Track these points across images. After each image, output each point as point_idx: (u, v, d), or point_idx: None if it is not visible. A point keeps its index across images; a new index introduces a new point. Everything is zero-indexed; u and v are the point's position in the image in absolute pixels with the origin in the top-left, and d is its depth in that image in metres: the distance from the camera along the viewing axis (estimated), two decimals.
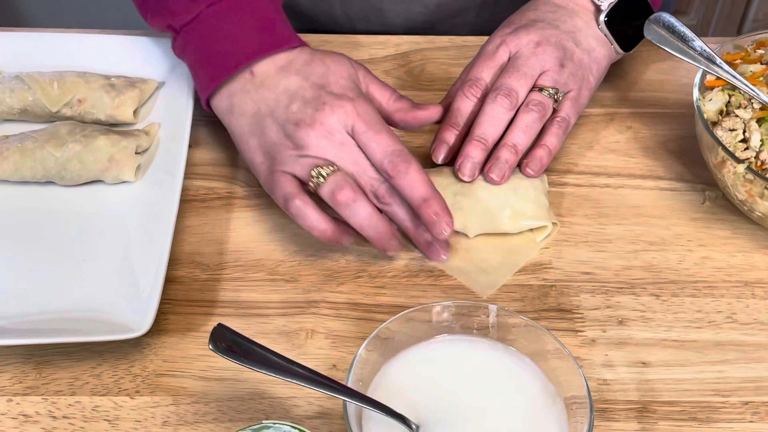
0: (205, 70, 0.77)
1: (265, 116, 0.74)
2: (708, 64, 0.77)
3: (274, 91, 0.74)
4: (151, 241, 0.73)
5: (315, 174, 0.71)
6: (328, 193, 0.71)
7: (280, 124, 0.73)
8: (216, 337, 0.60)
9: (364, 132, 0.71)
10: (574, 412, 0.61)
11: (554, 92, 0.78)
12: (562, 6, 0.82)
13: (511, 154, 0.76)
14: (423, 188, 0.70)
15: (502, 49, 0.79)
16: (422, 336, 0.65)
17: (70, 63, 0.86)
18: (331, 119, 0.71)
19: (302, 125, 0.72)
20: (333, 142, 0.71)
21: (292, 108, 0.73)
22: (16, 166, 0.77)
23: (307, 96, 0.73)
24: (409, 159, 0.71)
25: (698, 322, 0.72)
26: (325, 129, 0.71)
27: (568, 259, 0.76)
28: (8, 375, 0.68)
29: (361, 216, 0.71)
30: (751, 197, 0.74)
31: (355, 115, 0.72)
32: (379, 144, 0.71)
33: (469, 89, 0.78)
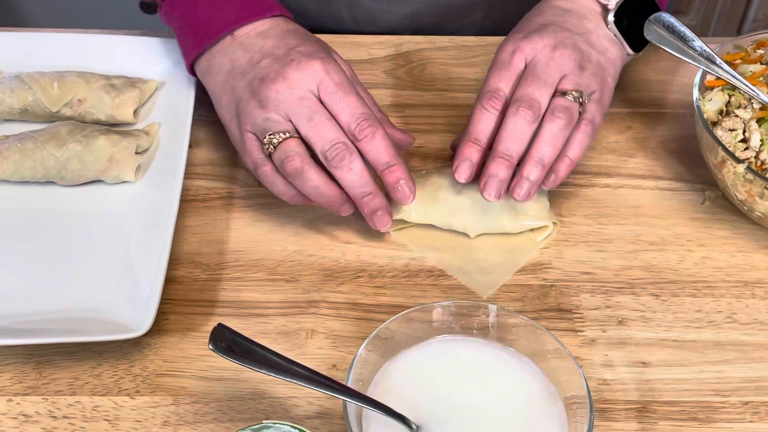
0: (189, 36, 0.79)
1: (237, 74, 0.75)
2: (708, 64, 0.77)
3: (249, 50, 0.76)
4: (151, 241, 0.73)
5: (267, 141, 0.72)
6: (278, 161, 0.71)
7: (248, 80, 0.74)
8: (216, 337, 0.60)
9: (332, 92, 0.72)
10: (574, 412, 0.61)
11: (578, 95, 0.73)
12: (569, 9, 0.80)
13: (538, 170, 0.72)
14: (388, 154, 0.71)
15: (517, 56, 0.76)
16: (422, 336, 0.65)
17: (70, 63, 0.86)
18: (295, 74, 0.72)
19: (266, 80, 0.72)
20: (291, 97, 0.71)
21: (261, 64, 0.74)
22: (17, 166, 0.77)
23: (277, 53, 0.74)
24: (376, 124, 0.71)
25: (698, 322, 0.72)
26: (287, 84, 0.72)
27: (568, 259, 0.76)
28: (8, 375, 0.68)
29: (309, 186, 0.71)
30: (751, 197, 0.74)
31: (323, 73, 0.72)
32: (348, 105, 0.71)
33: (488, 102, 0.74)
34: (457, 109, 0.88)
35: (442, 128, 0.86)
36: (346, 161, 0.70)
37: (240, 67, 0.75)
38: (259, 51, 0.75)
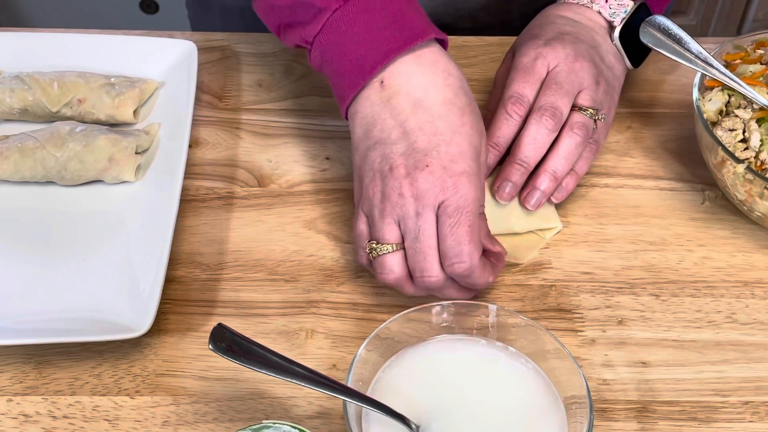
0: (340, 80, 0.70)
1: (374, 142, 0.68)
2: (705, 67, 0.77)
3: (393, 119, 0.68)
4: (151, 241, 0.73)
5: (369, 248, 0.68)
6: (376, 267, 0.68)
7: (378, 159, 0.68)
8: (216, 337, 0.60)
9: (448, 215, 0.66)
10: (573, 412, 0.61)
11: (594, 113, 0.76)
12: (577, 21, 0.81)
13: (551, 182, 0.75)
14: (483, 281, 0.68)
15: (539, 63, 0.76)
16: (422, 336, 0.65)
17: (70, 63, 0.86)
18: (424, 185, 0.66)
19: (394, 174, 0.66)
20: (410, 208, 0.66)
21: (396, 147, 0.67)
22: (17, 166, 0.77)
23: (417, 145, 0.67)
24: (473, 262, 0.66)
25: (698, 322, 0.72)
26: (412, 190, 0.66)
27: (568, 259, 0.76)
28: (8, 375, 0.68)
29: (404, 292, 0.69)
30: (750, 197, 0.74)
31: (450, 193, 0.66)
32: (452, 236, 0.66)
33: (513, 107, 0.75)
34: None
35: None
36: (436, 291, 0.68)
37: (378, 133, 0.68)
38: (402, 124, 0.67)
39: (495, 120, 0.75)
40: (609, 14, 0.81)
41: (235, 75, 0.90)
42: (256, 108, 0.88)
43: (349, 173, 0.82)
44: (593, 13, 0.82)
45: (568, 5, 0.83)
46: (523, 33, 0.83)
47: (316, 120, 0.86)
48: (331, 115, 0.86)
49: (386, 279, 0.68)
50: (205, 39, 0.93)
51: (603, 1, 0.82)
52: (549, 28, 0.80)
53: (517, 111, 0.75)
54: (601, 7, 0.82)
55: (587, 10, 0.82)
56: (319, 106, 0.87)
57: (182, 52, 0.87)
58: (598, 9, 0.82)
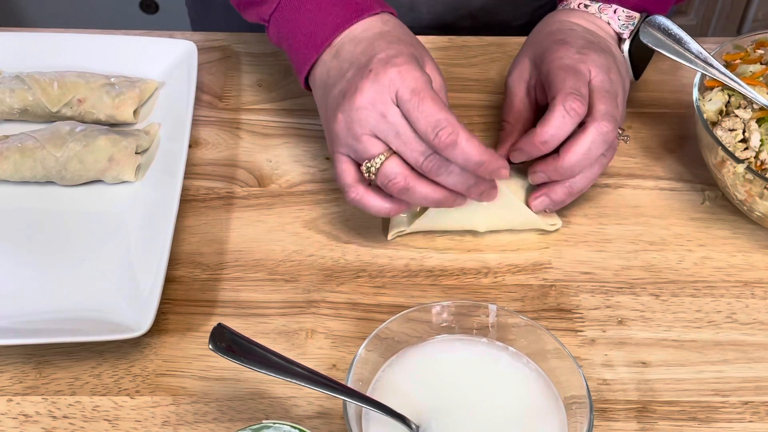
0: (297, 55, 0.76)
1: (329, 86, 0.73)
2: (705, 67, 0.77)
3: (340, 59, 0.72)
4: (151, 241, 0.73)
5: (365, 169, 0.70)
6: (382, 185, 0.70)
7: (336, 95, 0.71)
8: (216, 337, 0.60)
9: (407, 100, 0.68)
10: (573, 412, 0.61)
11: (621, 132, 0.76)
12: (593, 31, 0.80)
13: (566, 197, 0.75)
14: (475, 156, 0.68)
15: (583, 67, 0.74)
16: (422, 336, 0.65)
17: (70, 63, 0.86)
18: (371, 88, 0.68)
19: (347, 96, 0.69)
20: (374, 114, 0.68)
21: (347, 75, 0.71)
22: (17, 166, 0.77)
23: (361, 61, 0.70)
24: (455, 129, 0.67)
25: (698, 322, 0.72)
26: (366, 100, 0.68)
27: (568, 259, 0.76)
28: (8, 375, 0.68)
29: (418, 197, 0.70)
30: (750, 197, 0.74)
31: (399, 82, 0.68)
32: (422, 113, 0.67)
33: (574, 103, 0.71)
34: (457, 110, 0.88)
35: None
36: (443, 168, 0.68)
37: (332, 79, 0.72)
38: (349, 59, 0.72)
39: (551, 115, 0.71)
40: (619, 26, 0.81)
41: (235, 75, 0.90)
42: (256, 108, 0.88)
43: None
44: (603, 23, 0.81)
45: (579, 13, 0.81)
46: (537, 37, 0.81)
47: (316, 120, 0.86)
48: None
49: (397, 185, 0.69)
50: (205, 39, 0.93)
51: (612, 12, 0.81)
52: (572, 34, 0.78)
53: (577, 109, 0.71)
54: (610, 18, 0.81)
55: (597, 19, 0.81)
56: None
57: (182, 52, 0.87)
58: (607, 20, 0.81)
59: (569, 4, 0.82)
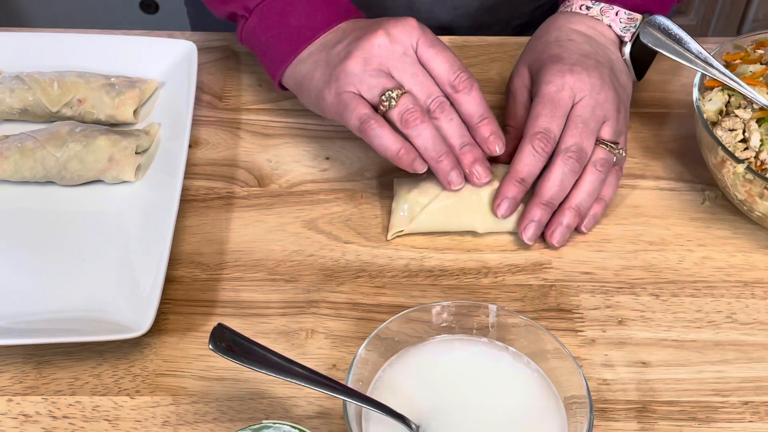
0: (281, 45, 0.79)
1: (328, 48, 0.76)
2: (705, 67, 0.77)
3: (337, 33, 0.77)
4: (151, 241, 0.73)
5: (386, 98, 0.73)
6: (398, 114, 0.72)
7: (344, 45, 0.75)
8: (216, 337, 0.60)
9: (429, 47, 0.74)
10: (573, 412, 0.61)
11: (614, 147, 0.76)
12: (592, 36, 0.80)
13: (575, 218, 0.76)
14: (483, 107, 0.74)
15: (566, 94, 0.76)
16: (422, 336, 0.65)
17: (70, 63, 0.86)
18: (395, 29, 0.74)
19: (365, 37, 0.74)
20: (395, 53, 0.73)
21: (355, 32, 0.76)
22: (16, 166, 0.77)
23: (364, 26, 0.76)
24: (473, 79, 0.74)
25: (698, 322, 0.72)
26: (388, 38, 0.74)
27: (568, 259, 0.76)
28: (8, 375, 0.68)
29: (424, 136, 0.72)
30: (750, 197, 0.74)
31: (420, 31, 0.74)
32: (446, 59, 0.74)
33: (540, 143, 0.74)
34: None
35: None
36: (446, 112, 0.73)
37: (331, 42, 0.77)
38: (351, 29, 0.77)
39: (521, 154, 0.75)
40: (620, 29, 0.81)
41: (235, 75, 0.90)
42: (256, 108, 0.88)
43: (349, 173, 0.82)
44: (604, 26, 0.81)
45: (580, 17, 0.81)
46: (537, 46, 0.81)
47: (316, 120, 0.86)
48: None
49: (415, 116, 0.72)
50: (205, 39, 0.93)
51: (613, 15, 0.81)
52: (568, 46, 0.79)
53: (545, 148, 0.74)
54: (611, 21, 0.81)
55: (598, 23, 0.81)
56: None
57: (182, 52, 0.87)
58: (608, 23, 0.81)
59: (571, 6, 0.82)
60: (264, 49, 0.81)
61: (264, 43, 0.80)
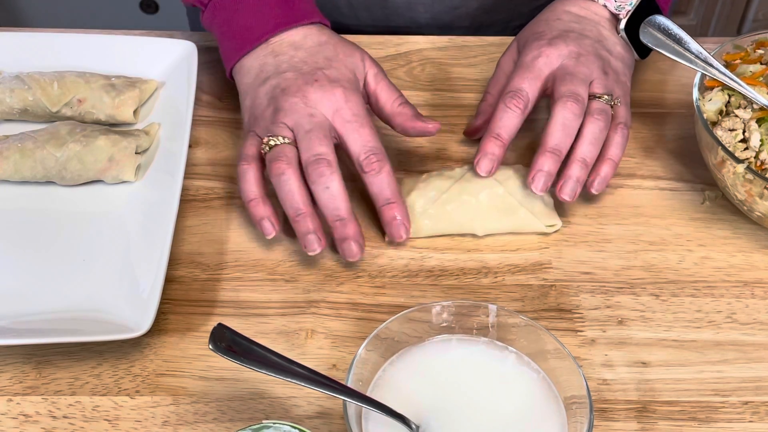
0: (230, 42, 0.80)
1: (261, 79, 0.77)
2: (705, 67, 0.77)
3: (278, 58, 0.77)
4: (151, 241, 0.73)
5: (265, 142, 0.73)
6: (268, 160, 0.73)
7: (271, 87, 0.76)
8: (216, 337, 0.60)
9: (348, 121, 0.74)
10: (573, 412, 0.61)
11: (609, 98, 0.76)
12: (583, 16, 0.82)
13: (582, 170, 0.75)
14: (391, 190, 0.73)
15: (541, 61, 0.77)
16: (422, 336, 0.65)
17: (70, 63, 0.86)
18: (314, 95, 0.74)
19: (287, 92, 0.74)
20: (303, 112, 0.73)
21: (286, 75, 0.76)
22: (16, 166, 0.77)
23: (303, 69, 0.76)
24: (385, 159, 0.73)
25: (698, 322, 0.72)
26: (304, 101, 0.74)
27: (568, 259, 0.76)
28: (8, 375, 0.68)
29: (286, 189, 0.72)
30: (750, 197, 0.74)
31: (342, 102, 0.74)
32: (361, 136, 0.73)
33: (511, 101, 0.75)
34: (456, 110, 0.88)
35: (442, 128, 0.86)
36: (325, 178, 0.71)
37: (266, 73, 0.77)
38: (288, 61, 0.77)
39: (495, 112, 0.76)
40: (615, 7, 0.82)
41: None
42: None
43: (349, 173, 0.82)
44: (599, 6, 0.82)
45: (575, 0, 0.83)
46: (528, 26, 0.84)
47: None
48: None
49: (281, 165, 0.71)
50: (205, 39, 0.93)
51: None
52: (554, 24, 0.81)
53: (516, 104, 0.75)
54: (606, 1, 0.82)
55: (593, 4, 0.82)
56: None
57: (182, 52, 0.87)
58: (603, 2, 0.82)
59: None
60: (218, 41, 0.83)
61: (217, 36, 0.82)
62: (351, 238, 0.72)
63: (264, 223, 0.73)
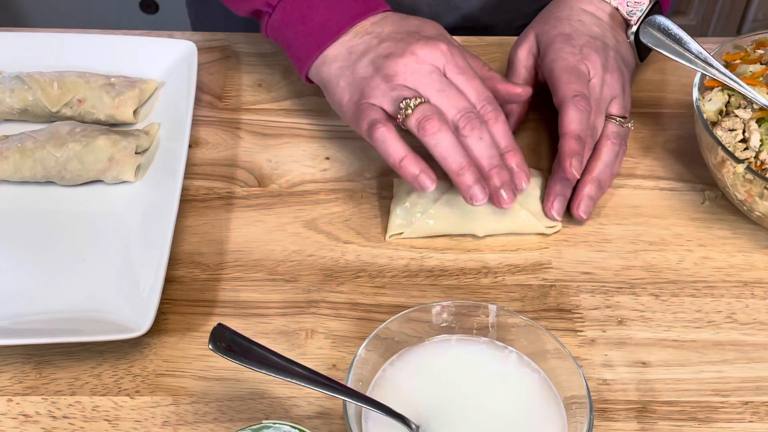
0: (306, 40, 0.79)
1: (355, 57, 0.76)
2: (705, 67, 0.77)
3: (366, 37, 0.77)
4: (151, 241, 0.73)
5: (403, 105, 0.71)
6: (415, 122, 0.71)
7: (370, 59, 0.75)
8: (216, 337, 0.60)
9: (458, 74, 0.73)
10: (573, 412, 0.61)
11: (624, 121, 0.79)
12: (599, 17, 0.83)
13: (597, 190, 0.77)
14: (507, 138, 0.73)
15: (584, 67, 0.78)
16: (422, 336, 0.65)
17: (70, 63, 0.86)
18: (423, 51, 0.73)
19: (392, 56, 0.73)
20: (422, 71, 0.72)
21: (383, 45, 0.75)
22: (16, 166, 0.77)
23: (398, 37, 0.75)
24: (499, 109, 0.73)
25: (698, 322, 0.72)
26: (415, 59, 0.73)
27: (568, 259, 0.76)
28: (8, 375, 0.68)
29: (444, 145, 0.70)
30: (750, 197, 0.74)
31: (449, 55, 0.74)
32: (473, 87, 0.73)
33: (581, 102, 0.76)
34: None
35: None
36: (477, 130, 0.71)
37: (358, 51, 0.76)
38: (378, 36, 0.76)
39: (567, 114, 0.75)
40: (626, 12, 0.83)
41: (235, 75, 0.90)
42: (256, 108, 0.88)
43: (349, 173, 0.82)
44: (612, 8, 0.83)
45: None
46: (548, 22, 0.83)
47: (316, 120, 0.86)
48: (331, 115, 0.86)
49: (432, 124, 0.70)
50: (205, 39, 0.93)
51: None
52: (578, 27, 0.81)
53: (586, 107, 0.76)
54: (618, 4, 0.83)
55: (606, 5, 0.83)
56: (319, 106, 0.87)
57: (182, 52, 0.87)
58: (616, 5, 0.83)
59: None
60: (289, 44, 0.80)
61: (289, 38, 0.80)
62: (508, 183, 0.72)
63: (422, 177, 0.70)
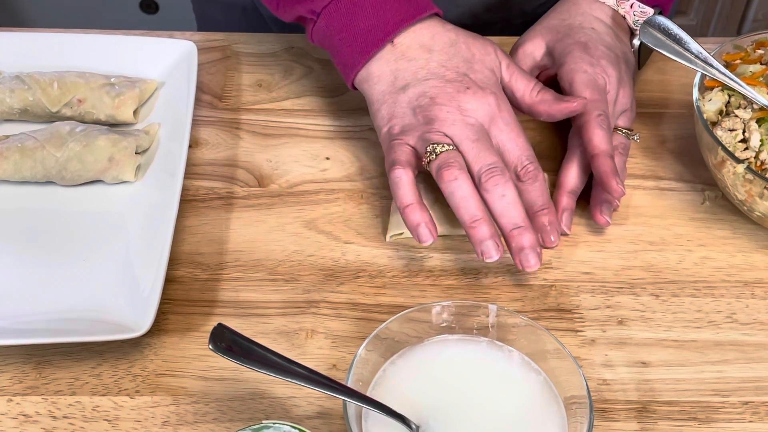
0: (351, 47, 0.77)
1: (399, 86, 0.75)
2: (705, 67, 0.77)
3: (414, 64, 0.75)
4: (151, 241, 0.73)
5: (430, 149, 0.71)
6: (436, 167, 0.71)
7: (414, 96, 0.74)
8: (216, 337, 0.60)
9: (504, 131, 0.73)
10: (573, 412, 0.61)
11: (630, 133, 0.80)
12: (610, 25, 0.83)
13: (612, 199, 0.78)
14: (545, 198, 0.74)
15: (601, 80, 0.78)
16: (422, 336, 0.65)
17: (70, 63, 0.86)
18: (470, 104, 0.73)
19: (437, 101, 0.73)
20: (461, 121, 0.72)
21: (429, 83, 0.74)
22: (16, 166, 0.77)
23: (448, 76, 0.74)
24: (539, 168, 0.73)
25: (698, 322, 0.72)
26: (460, 111, 0.72)
27: (568, 259, 0.76)
28: (8, 375, 0.68)
29: (460, 195, 0.70)
30: (750, 197, 0.74)
31: (496, 111, 0.73)
32: (517, 145, 0.73)
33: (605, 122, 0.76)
34: None
35: None
36: (500, 187, 0.70)
37: (402, 80, 0.75)
38: (425, 67, 0.75)
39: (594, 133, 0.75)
40: (632, 21, 0.83)
41: (235, 75, 0.91)
42: (256, 108, 0.88)
43: (349, 173, 0.82)
44: (620, 17, 0.84)
45: (599, 5, 0.83)
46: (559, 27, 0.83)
47: (316, 120, 0.86)
48: (331, 115, 0.86)
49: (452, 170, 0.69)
50: (205, 39, 0.93)
51: (628, 7, 0.83)
52: (593, 36, 0.81)
53: (609, 126, 0.77)
54: (626, 13, 0.83)
55: (616, 14, 0.84)
56: (319, 106, 0.87)
57: (182, 52, 0.87)
58: (623, 13, 0.83)
59: None
60: (335, 51, 0.79)
61: (335, 45, 0.78)
62: (529, 247, 0.70)
63: (421, 229, 0.70)
